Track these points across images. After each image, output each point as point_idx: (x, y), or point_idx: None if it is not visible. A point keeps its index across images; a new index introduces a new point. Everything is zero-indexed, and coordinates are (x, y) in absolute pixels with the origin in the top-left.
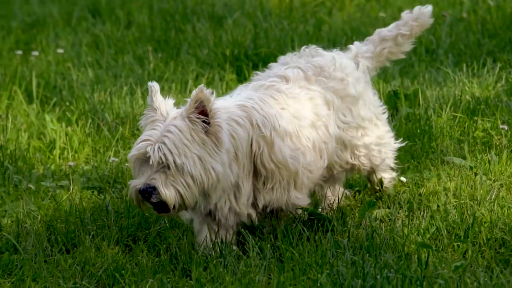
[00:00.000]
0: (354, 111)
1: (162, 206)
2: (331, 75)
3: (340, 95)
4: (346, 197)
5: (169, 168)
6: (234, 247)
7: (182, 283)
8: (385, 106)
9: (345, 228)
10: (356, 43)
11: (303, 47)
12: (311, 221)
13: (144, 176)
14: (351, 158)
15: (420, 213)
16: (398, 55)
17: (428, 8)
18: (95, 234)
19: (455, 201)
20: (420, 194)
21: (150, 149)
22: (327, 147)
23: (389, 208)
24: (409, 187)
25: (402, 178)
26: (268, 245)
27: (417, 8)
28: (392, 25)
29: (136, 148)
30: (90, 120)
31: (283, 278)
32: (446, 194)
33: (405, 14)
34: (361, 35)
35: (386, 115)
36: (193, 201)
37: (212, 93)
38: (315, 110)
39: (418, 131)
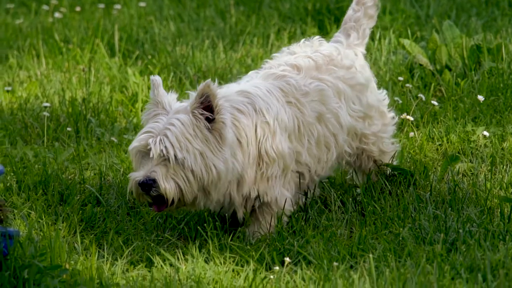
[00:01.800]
0: (363, 100)
1: (161, 200)
2: (339, 64)
3: (349, 83)
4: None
5: (170, 161)
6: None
7: (264, 237)
8: (385, 92)
9: (427, 182)
10: (337, 34)
11: (303, 40)
12: (393, 176)
13: (144, 169)
14: (360, 143)
15: (503, 167)
16: (372, 26)
17: None
18: None
19: None
20: (502, 149)
21: (152, 141)
22: (336, 139)
23: (471, 162)
24: (491, 141)
25: (485, 133)
26: (350, 199)
27: None
28: (353, 4)
29: (138, 140)
30: (172, 74)
31: (365, 232)
32: None
33: None
34: None
35: (387, 101)
36: (192, 197)
37: (218, 87)
38: (324, 102)
39: (501, 85)
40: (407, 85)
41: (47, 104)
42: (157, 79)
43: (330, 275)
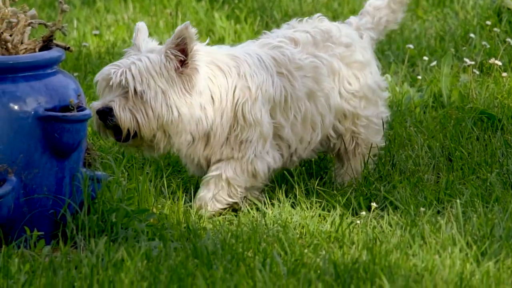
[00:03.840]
0: (362, 79)
1: (119, 131)
2: (338, 41)
3: (346, 61)
4: None
5: (130, 94)
6: None
7: (351, 182)
8: (387, 83)
9: None
10: (352, 17)
11: (306, 18)
12: (481, 120)
13: (104, 99)
14: (349, 124)
15: None
16: (393, 23)
17: None
18: None
19: None
20: None
21: (113, 72)
22: (323, 120)
23: None
24: None
25: None
26: (437, 144)
27: None
28: None
29: (101, 71)
30: (258, 18)
31: (452, 177)
32: None
33: None
34: None
35: (387, 94)
36: (150, 133)
37: (196, 34)
38: (317, 80)
39: None
40: (495, 29)
41: None
42: (140, 24)
43: (416, 221)
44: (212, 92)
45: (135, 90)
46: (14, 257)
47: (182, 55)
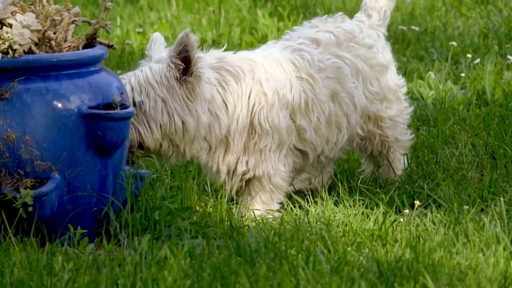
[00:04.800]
0: (382, 81)
1: None
2: (361, 42)
3: (369, 63)
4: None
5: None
6: None
7: (394, 180)
8: (404, 79)
9: None
10: (359, 15)
11: (325, 16)
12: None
13: None
14: (374, 127)
15: None
16: (392, 7)
17: None
18: None
19: None
20: None
21: None
22: (349, 120)
23: None
24: None
25: None
26: (481, 141)
27: None
28: None
29: None
30: (301, 15)
31: (496, 175)
32: None
33: None
34: None
35: (405, 89)
36: (155, 144)
37: (197, 41)
38: (340, 80)
39: None
40: None
41: None
42: (155, 35)
43: (460, 219)
44: (224, 98)
45: (134, 101)
46: (57, 255)
47: (183, 63)
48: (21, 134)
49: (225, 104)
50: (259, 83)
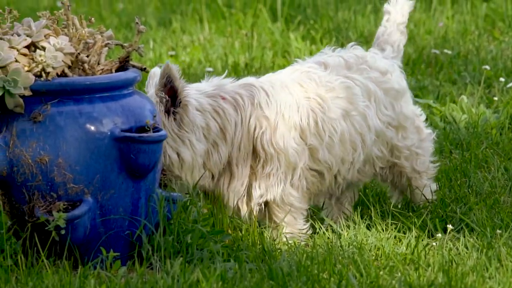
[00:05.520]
0: (396, 107)
1: None
2: (373, 66)
3: (382, 87)
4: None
5: None
6: None
7: (426, 204)
8: (421, 108)
9: None
10: (372, 49)
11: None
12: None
13: None
14: (391, 157)
15: None
16: (404, 42)
17: None
18: None
19: None
20: None
21: None
22: (363, 139)
23: None
24: None
25: None
26: None
27: None
28: (384, 22)
29: None
30: (334, 39)
31: None
32: None
33: (387, 6)
34: None
35: (423, 117)
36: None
37: (179, 71)
38: (350, 100)
39: None
40: None
41: (210, 69)
42: (153, 71)
43: (493, 243)
44: (222, 126)
45: None
46: (90, 278)
47: (170, 94)
48: (54, 157)
49: (223, 132)
50: (259, 108)
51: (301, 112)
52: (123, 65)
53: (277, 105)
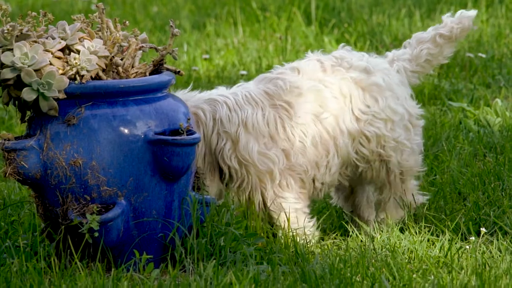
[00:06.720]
0: (381, 101)
1: None
2: (352, 66)
3: (362, 85)
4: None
5: None
6: None
7: (460, 207)
8: (421, 112)
9: None
10: (393, 50)
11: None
12: None
13: None
14: (376, 147)
15: None
16: (439, 58)
17: (471, 12)
18: None
19: None
20: None
21: None
22: (336, 142)
23: None
24: None
25: None
26: None
27: (459, 12)
28: (430, 28)
29: None
30: (368, 42)
31: None
32: None
33: (445, 17)
34: None
35: (422, 123)
36: None
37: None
38: (320, 103)
39: None
40: None
41: (244, 72)
42: None
43: None
44: None
45: None
46: (123, 280)
47: None
48: (87, 160)
49: None
50: (219, 123)
51: (267, 119)
52: (157, 68)
53: (238, 118)
